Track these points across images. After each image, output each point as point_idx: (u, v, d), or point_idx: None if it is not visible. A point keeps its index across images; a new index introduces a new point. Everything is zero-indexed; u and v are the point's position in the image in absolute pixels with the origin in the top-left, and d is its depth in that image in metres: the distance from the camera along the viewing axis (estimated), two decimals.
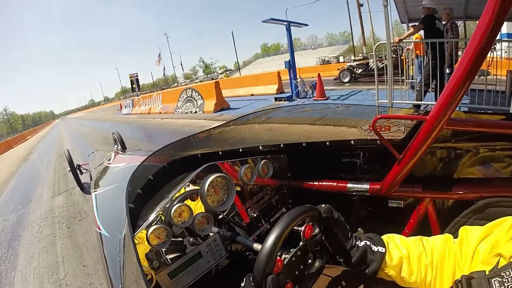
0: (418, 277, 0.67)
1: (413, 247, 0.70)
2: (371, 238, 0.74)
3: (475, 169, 0.93)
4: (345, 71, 11.70)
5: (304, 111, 1.71)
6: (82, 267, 2.39)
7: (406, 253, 0.70)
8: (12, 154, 16.40)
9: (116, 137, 2.99)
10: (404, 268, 0.69)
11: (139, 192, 1.02)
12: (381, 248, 0.71)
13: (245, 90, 12.99)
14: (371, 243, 0.73)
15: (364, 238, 0.75)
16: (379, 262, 0.70)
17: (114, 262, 0.71)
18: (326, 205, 0.76)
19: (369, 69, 11.04)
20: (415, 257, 0.69)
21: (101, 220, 0.96)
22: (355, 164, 1.15)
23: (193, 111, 10.84)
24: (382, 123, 0.99)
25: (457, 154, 0.96)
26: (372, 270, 0.71)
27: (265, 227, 1.16)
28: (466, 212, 0.88)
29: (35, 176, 6.89)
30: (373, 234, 0.76)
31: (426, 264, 0.67)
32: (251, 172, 1.12)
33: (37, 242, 3.14)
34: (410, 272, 0.68)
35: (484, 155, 0.91)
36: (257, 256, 0.65)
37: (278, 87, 11.37)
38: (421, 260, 0.68)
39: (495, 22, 0.62)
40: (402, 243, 0.72)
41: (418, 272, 0.68)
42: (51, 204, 4.32)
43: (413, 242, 0.72)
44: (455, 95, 0.74)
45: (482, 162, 0.92)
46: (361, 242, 0.74)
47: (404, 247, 0.71)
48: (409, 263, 0.69)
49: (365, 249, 0.72)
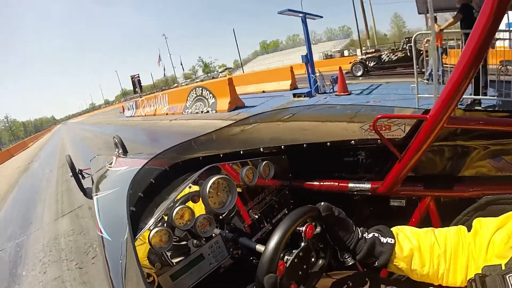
0: (430, 269, 0.65)
1: (424, 238, 0.68)
2: (380, 230, 0.72)
3: (481, 166, 0.93)
4: (357, 65, 11.44)
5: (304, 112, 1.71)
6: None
7: (417, 244, 0.67)
8: (13, 163, 16.04)
9: (117, 141, 3.00)
10: (415, 260, 0.66)
11: (141, 195, 1.03)
12: (390, 239, 0.69)
13: (255, 87, 12.61)
14: (379, 234, 0.70)
15: (372, 230, 0.73)
16: (388, 253, 0.67)
17: (116, 265, 0.71)
18: (325, 203, 0.74)
19: (382, 62, 10.86)
20: (427, 248, 0.66)
21: (103, 224, 0.96)
22: (356, 163, 1.15)
23: (204, 111, 10.23)
24: (383, 122, 0.99)
25: (458, 152, 0.96)
26: (381, 263, 0.68)
27: (267, 228, 1.16)
28: (468, 210, 0.87)
29: (36, 190, 6.45)
30: (381, 226, 0.74)
31: (439, 255, 0.65)
32: (253, 174, 1.13)
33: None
34: (422, 263, 0.65)
35: (488, 152, 0.91)
36: (260, 259, 0.65)
37: (292, 82, 11.03)
38: (434, 250, 0.65)
39: (494, 18, 0.62)
40: (412, 234, 0.70)
41: (430, 263, 0.65)
42: (54, 230, 3.71)
43: (425, 233, 0.69)
44: (455, 93, 0.74)
45: (486, 159, 0.92)
46: (369, 235, 0.72)
47: (415, 238, 0.68)
48: (421, 254, 0.66)
49: (373, 241, 0.69)
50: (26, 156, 18.09)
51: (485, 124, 0.85)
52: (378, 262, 0.69)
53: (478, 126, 0.85)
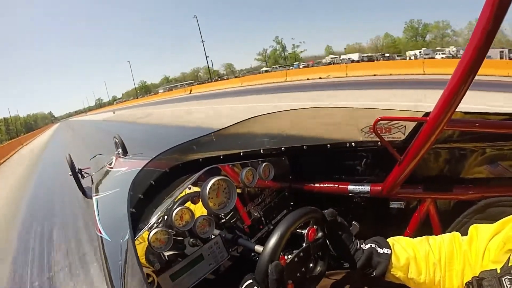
0: (427, 277, 0.66)
1: (419, 247, 0.70)
2: (376, 241, 0.74)
3: (481, 168, 0.93)
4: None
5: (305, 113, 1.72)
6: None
7: (412, 254, 0.69)
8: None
9: (117, 141, 3.01)
10: (412, 269, 0.68)
11: (140, 196, 1.03)
12: (387, 249, 0.71)
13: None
14: (376, 245, 0.73)
15: (369, 241, 0.75)
16: (385, 263, 0.69)
17: (115, 265, 0.71)
18: (330, 209, 0.76)
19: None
20: (422, 257, 0.68)
21: (102, 224, 0.97)
22: (356, 166, 1.15)
23: None
24: (383, 124, 0.99)
25: (458, 155, 0.96)
26: (379, 272, 0.70)
27: (267, 230, 1.16)
28: (468, 212, 0.88)
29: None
30: (378, 237, 0.76)
31: (434, 263, 0.67)
32: (252, 175, 1.13)
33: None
34: (419, 272, 0.67)
35: (488, 155, 0.91)
36: (259, 258, 0.65)
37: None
38: (429, 259, 0.67)
39: (493, 20, 0.62)
40: (407, 244, 0.72)
41: (426, 271, 0.67)
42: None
43: (419, 242, 0.71)
44: (455, 95, 0.74)
45: (485, 162, 0.92)
46: (366, 245, 0.74)
47: (410, 248, 0.71)
48: (417, 263, 0.68)
49: (370, 252, 0.72)
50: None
51: (485, 126, 0.85)
52: (376, 272, 0.71)
53: (478, 128, 0.85)
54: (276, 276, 0.61)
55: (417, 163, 0.91)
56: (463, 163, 0.96)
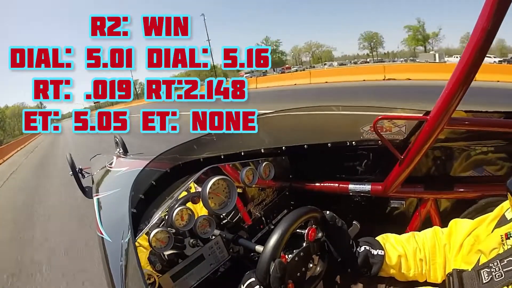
0: (416, 271, 0.72)
1: (407, 244, 0.75)
2: (369, 242, 0.78)
3: (481, 165, 0.93)
4: None
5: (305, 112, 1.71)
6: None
7: (402, 251, 0.74)
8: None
9: (118, 140, 3.00)
10: (403, 266, 0.73)
11: (141, 197, 1.03)
12: (380, 251, 0.75)
13: None
14: (370, 247, 0.76)
15: (363, 243, 0.78)
16: (380, 264, 0.74)
17: (116, 266, 0.71)
18: (330, 212, 0.78)
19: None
20: (411, 254, 0.73)
21: (103, 224, 0.97)
22: (357, 165, 1.15)
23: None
24: (383, 123, 0.99)
25: (459, 154, 0.96)
26: (374, 272, 0.74)
27: (267, 229, 1.16)
28: (468, 211, 0.88)
29: None
30: (369, 238, 0.80)
31: (421, 259, 0.72)
32: (253, 174, 1.13)
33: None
34: (408, 268, 0.73)
35: (488, 154, 0.91)
36: (260, 256, 0.65)
37: None
38: (416, 256, 0.73)
39: (493, 19, 0.62)
40: (397, 242, 0.77)
41: (415, 267, 0.72)
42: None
43: (407, 240, 0.76)
44: (456, 94, 0.74)
45: (486, 161, 0.92)
46: (361, 248, 0.77)
47: (399, 246, 0.75)
48: (407, 260, 0.73)
49: (366, 254, 0.75)
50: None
51: (485, 125, 0.85)
52: (371, 272, 0.75)
53: (478, 127, 0.85)
54: (280, 274, 0.62)
55: (417, 162, 0.91)
56: (463, 161, 0.95)
